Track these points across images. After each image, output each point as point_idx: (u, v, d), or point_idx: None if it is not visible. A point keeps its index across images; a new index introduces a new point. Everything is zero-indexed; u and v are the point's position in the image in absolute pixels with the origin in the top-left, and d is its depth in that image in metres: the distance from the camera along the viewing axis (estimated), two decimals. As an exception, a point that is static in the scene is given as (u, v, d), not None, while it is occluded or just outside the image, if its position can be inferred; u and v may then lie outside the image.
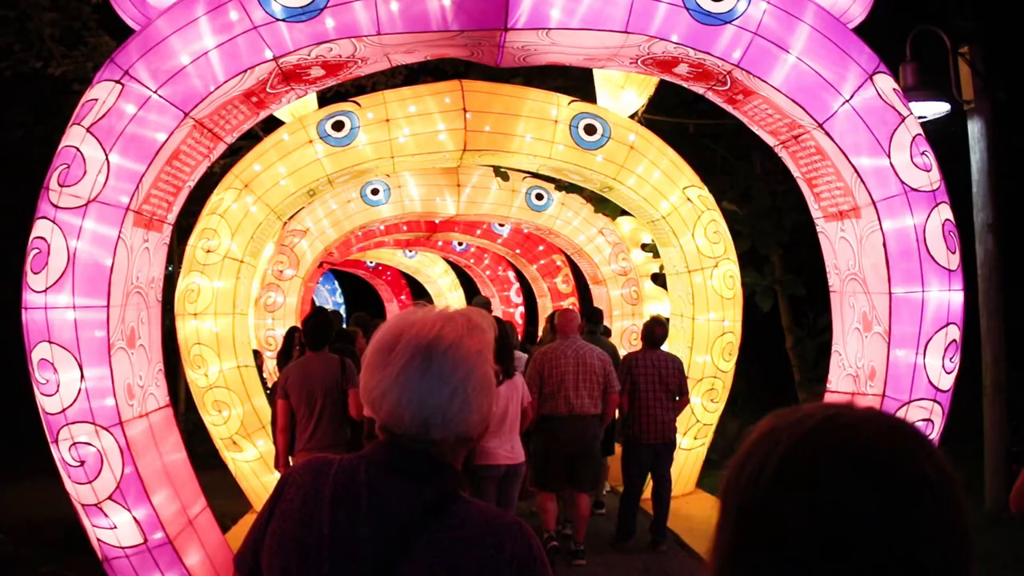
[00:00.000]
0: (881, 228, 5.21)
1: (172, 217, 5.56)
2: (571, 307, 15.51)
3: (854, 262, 5.53)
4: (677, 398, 7.80)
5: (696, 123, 11.38)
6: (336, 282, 26.39)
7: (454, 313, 1.79)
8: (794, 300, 12.82)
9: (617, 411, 7.87)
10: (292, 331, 11.15)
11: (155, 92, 4.85)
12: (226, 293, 8.18)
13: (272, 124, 8.79)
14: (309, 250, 12.04)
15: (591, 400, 7.22)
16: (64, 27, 10.52)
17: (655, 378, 7.70)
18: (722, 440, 10.24)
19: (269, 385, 9.68)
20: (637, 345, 12.61)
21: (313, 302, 17.69)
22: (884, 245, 5.22)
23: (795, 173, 5.89)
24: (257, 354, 11.38)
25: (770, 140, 5.87)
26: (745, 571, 1.04)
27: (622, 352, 10.15)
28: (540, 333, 11.67)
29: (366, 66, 5.47)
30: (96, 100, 4.90)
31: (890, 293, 5.23)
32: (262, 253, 8.90)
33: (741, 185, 11.36)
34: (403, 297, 24.82)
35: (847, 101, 5.12)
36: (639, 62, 5.49)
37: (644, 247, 12.55)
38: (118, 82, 4.83)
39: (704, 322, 8.79)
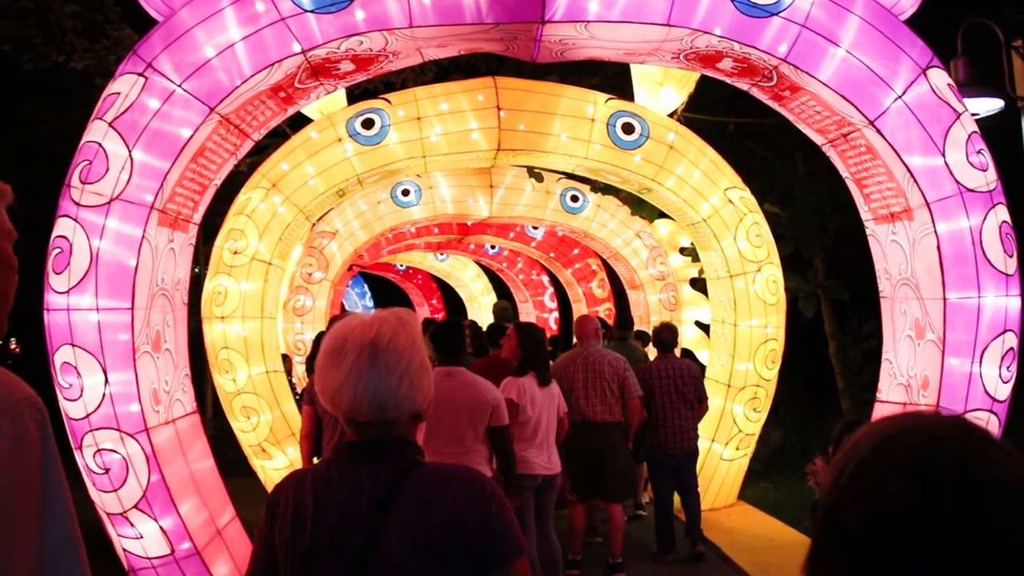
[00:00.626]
0: (935, 230, 4.95)
1: (198, 217, 5.39)
2: (605, 314, 15.28)
3: (906, 266, 5.27)
4: (696, 406, 7.67)
5: (736, 121, 11.10)
6: (366, 285, 26.27)
7: (385, 314, 2.12)
8: (838, 305, 12.49)
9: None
10: (321, 336, 11.03)
11: (179, 86, 4.69)
12: (254, 296, 8.02)
13: (300, 122, 8.63)
14: (338, 252, 11.88)
15: (604, 407, 7.05)
16: (86, 20, 10.39)
17: (671, 387, 7.59)
18: (764, 450, 9.96)
19: (298, 391, 9.54)
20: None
21: (343, 306, 17.54)
22: (938, 248, 4.95)
23: (844, 173, 5.64)
24: (286, 358, 11.24)
25: (817, 139, 5.61)
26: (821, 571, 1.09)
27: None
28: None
29: (397, 61, 5.28)
30: (119, 94, 4.75)
31: (944, 299, 4.96)
32: (290, 255, 8.74)
33: (783, 186, 11.08)
34: (434, 301, 24.63)
35: (899, 97, 4.86)
36: (681, 57, 5.26)
37: (683, 251, 12.27)
38: (141, 75, 4.67)
39: (746, 328, 8.52)
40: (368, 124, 8.02)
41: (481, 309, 21.54)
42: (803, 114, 5.41)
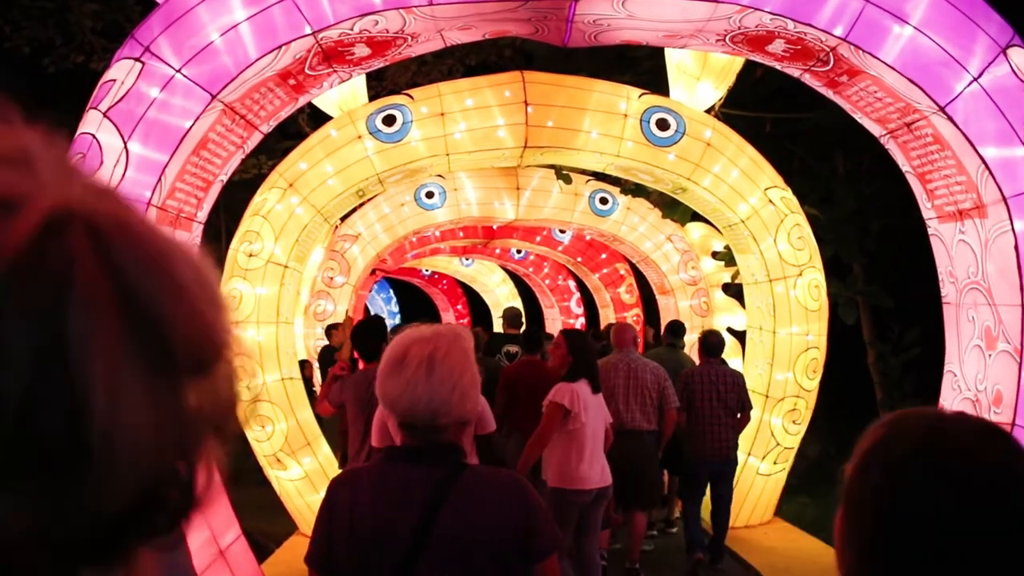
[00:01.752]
0: (1013, 229, 4.45)
1: (203, 215, 4.99)
2: (634, 320, 14.83)
3: (976, 269, 4.78)
4: (738, 415, 7.43)
5: (775, 116, 10.62)
6: (391, 290, 25.95)
7: (443, 329, 2.29)
8: (877, 312, 11.98)
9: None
10: (331, 328, 10.64)
11: (179, 71, 4.28)
12: (269, 300, 7.63)
13: (321, 122, 8.25)
14: (360, 256, 11.51)
15: (643, 415, 6.91)
16: (106, 20, 10.13)
17: (712, 394, 7.37)
18: (802, 464, 9.46)
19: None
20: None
21: (367, 310, 17.16)
22: (1016, 249, 4.46)
23: (904, 167, 5.16)
24: (306, 364, 10.88)
25: (876, 129, 5.14)
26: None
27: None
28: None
29: (417, 45, 4.86)
30: (114, 81, 4.36)
31: (1023, 305, 4.47)
32: (308, 258, 8.35)
33: (822, 188, 10.60)
34: (459, 306, 24.29)
35: (975, 80, 4.37)
36: (727, 39, 4.80)
37: (715, 255, 11.83)
38: (138, 60, 4.28)
39: (786, 336, 8.03)
40: (389, 120, 7.62)
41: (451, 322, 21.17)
42: (861, 102, 4.94)
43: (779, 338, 8.06)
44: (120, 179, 4.28)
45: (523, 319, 10.81)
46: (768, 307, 8.12)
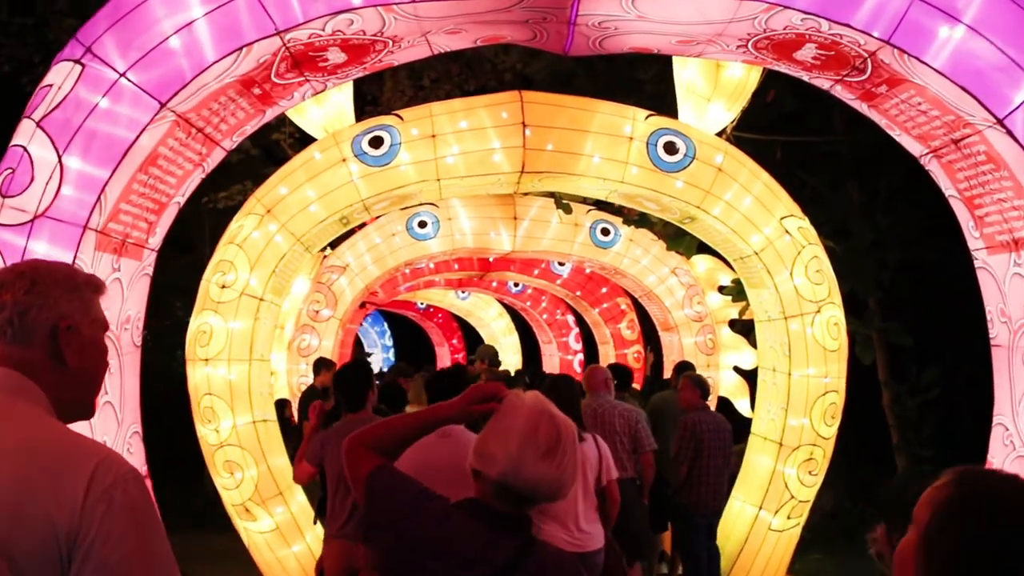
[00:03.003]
0: (1080, 262, 3.88)
1: (155, 242, 4.41)
2: (635, 358, 14.26)
3: (1033, 307, 4.20)
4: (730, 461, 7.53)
5: (793, 140, 10.08)
6: (385, 324, 25.37)
7: (542, 399, 2.31)
8: (892, 351, 11.38)
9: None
10: (320, 364, 10.01)
11: (123, 75, 3.71)
12: (242, 336, 7.03)
13: (305, 144, 7.70)
14: (348, 288, 10.93)
15: (616, 462, 6.18)
16: None
17: (716, 443, 7.34)
18: (817, 516, 8.80)
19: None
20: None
21: (356, 345, 16.53)
22: (1084, 284, 3.88)
23: (948, 190, 4.58)
24: (286, 404, 10.26)
25: (916, 148, 4.57)
26: None
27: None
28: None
29: (399, 52, 4.30)
30: (51, 86, 3.79)
31: (1091, 349, 3.89)
32: (287, 290, 7.75)
33: (837, 218, 10.03)
34: (454, 341, 23.69)
35: (1039, 89, 3.80)
36: (749, 45, 4.24)
37: (722, 289, 11.27)
38: (77, 62, 3.71)
39: (801, 378, 7.41)
40: (376, 143, 7.05)
41: (503, 350, 20.61)
42: (901, 116, 4.37)
43: (794, 380, 7.44)
44: (53, 197, 3.71)
45: (497, 357, 10.25)
46: (783, 347, 7.51)
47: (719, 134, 7.62)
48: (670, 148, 7.20)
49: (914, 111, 4.25)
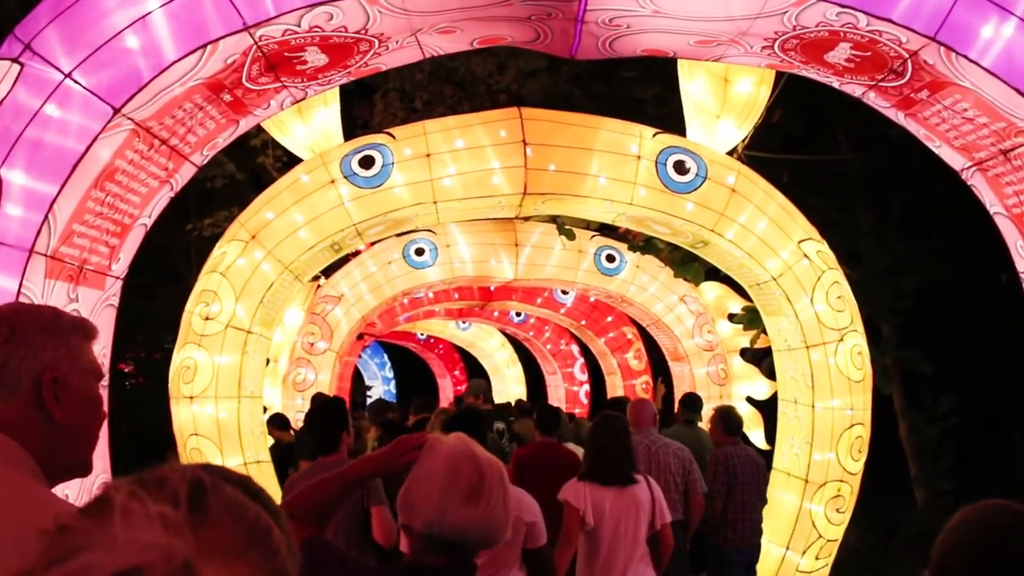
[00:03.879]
0: None
1: (120, 268, 3.97)
2: (643, 389, 13.79)
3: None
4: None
5: (798, 158, 9.66)
6: (386, 355, 24.89)
7: (467, 441, 2.15)
8: (909, 379, 10.90)
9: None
10: (319, 399, 9.51)
11: (68, 75, 3.28)
12: (230, 371, 6.57)
13: (292, 166, 7.29)
14: (344, 319, 10.49)
15: (668, 504, 5.83)
16: None
17: (751, 479, 6.97)
18: (843, 554, 8.28)
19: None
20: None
21: (355, 378, 16.04)
22: None
23: (993, 207, 4.14)
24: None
25: (958, 161, 4.14)
26: None
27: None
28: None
29: (387, 54, 3.88)
30: (-10, 92, 3.36)
31: None
32: (276, 322, 7.30)
33: (848, 242, 9.61)
34: (456, 372, 23.20)
35: (1106, 88, 3.38)
36: (776, 46, 3.82)
37: (732, 317, 10.83)
38: (16, 61, 3.27)
39: (825, 411, 6.94)
40: (367, 163, 6.63)
41: (506, 381, 20.19)
42: (943, 125, 3.94)
43: (818, 413, 6.98)
44: (-6, 218, 3.27)
45: (490, 392, 9.79)
46: (805, 377, 7.05)
47: (730, 153, 7.21)
48: (680, 167, 6.78)
49: (958, 119, 3.81)
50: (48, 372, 1.58)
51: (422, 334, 21.27)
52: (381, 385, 24.96)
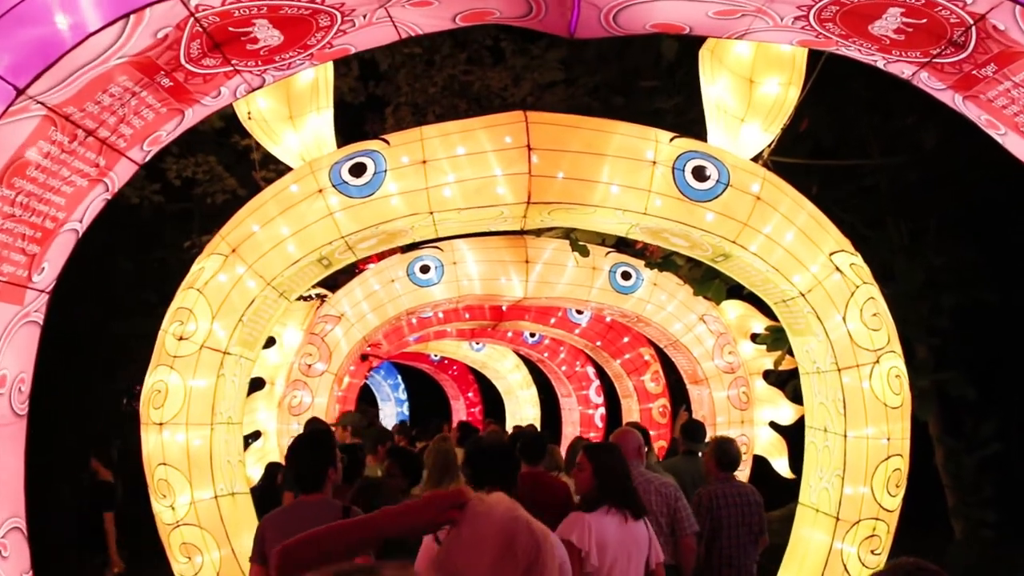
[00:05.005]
0: None
1: (44, 280, 3.42)
2: (659, 412, 13.19)
3: None
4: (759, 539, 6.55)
5: (831, 164, 9.08)
6: (399, 376, 24.35)
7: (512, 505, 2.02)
8: (946, 403, 10.23)
9: None
10: (312, 424, 8.93)
11: (-39, 49, 2.74)
12: (203, 395, 6.03)
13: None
14: (344, 339, 9.95)
15: None
16: None
17: (738, 518, 6.39)
18: (876, 598, 7.64)
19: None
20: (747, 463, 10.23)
21: (360, 401, 15.46)
22: None
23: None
24: (278, 468, 9.24)
25: (1025, 152, 3.53)
26: None
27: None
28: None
29: (355, 31, 3.33)
30: None
31: None
32: (259, 343, 6.75)
33: (882, 259, 8.99)
34: (470, 394, 22.63)
35: None
36: (811, 16, 3.24)
37: (755, 338, 10.25)
38: None
39: (859, 440, 6.30)
40: (358, 170, 6.09)
41: (520, 403, 19.61)
42: (1010, 107, 3.33)
43: (850, 442, 6.34)
44: None
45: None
46: (836, 403, 6.41)
47: (755, 159, 6.63)
48: (699, 174, 6.20)
49: (1030, 98, 3.21)
50: None
51: (435, 355, 20.73)
52: (394, 406, 24.42)
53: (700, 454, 7.63)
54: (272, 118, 6.38)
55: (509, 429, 18.67)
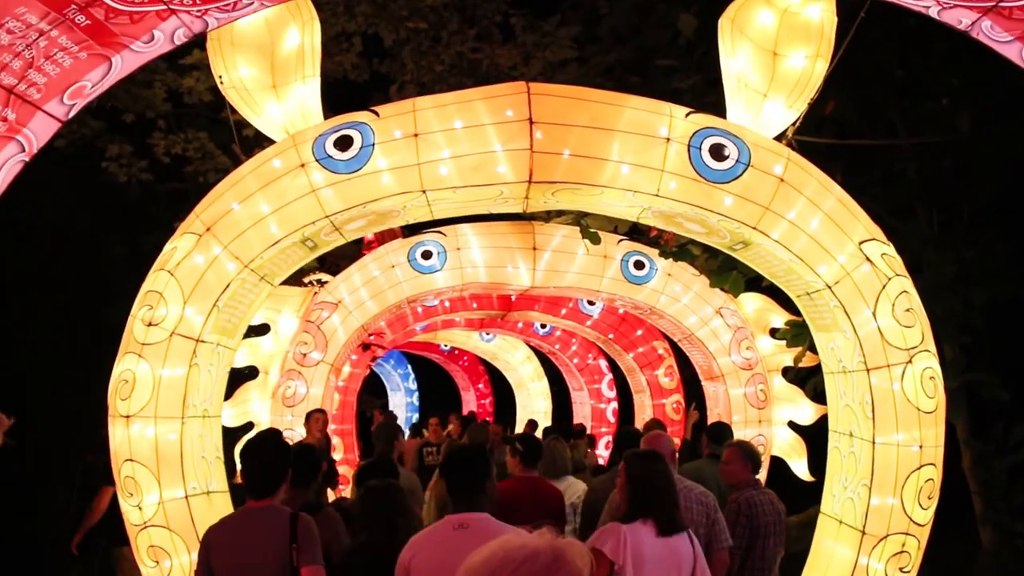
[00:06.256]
0: None
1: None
2: (673, 409, 12.68)
3: None
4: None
5: (862, 144, 8.51)
6: (409, 366, 23.91)
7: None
8: (975, 405, 9.66)
9: None
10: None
11: None
12: (173, 387, 5.55)
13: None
14: (341, 327, 9.47)
15: None
16: None
17: (772, 527, 6.02)
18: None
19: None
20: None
21: (362, 392, 14.96)
22: None
23: None
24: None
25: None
26: None
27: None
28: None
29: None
30: None
31: None
32: (239, 330, 6.26)
33: (911, 251, 8.43)
34: (481, 385, 22.17)
35: None
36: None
37: (774, 333, 9.72)
38: None
39: (888, 446, 5.75)
40: (344, 143, 5.59)
41: (531, 396, 19.15)
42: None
43: (879, 449, 5.79)
44: None
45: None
46: (863, 406, 5.87)
47: (778, 138, 6.08)
48: (717, 152, 5.67)
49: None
50: None
51: (445, 345, 20.27)
52: (404, 396, 23.98)
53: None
54: (254, 87, 5.87)
55: (521, 422, 18.22)
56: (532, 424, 14.99)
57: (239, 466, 9.05)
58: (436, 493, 7.16)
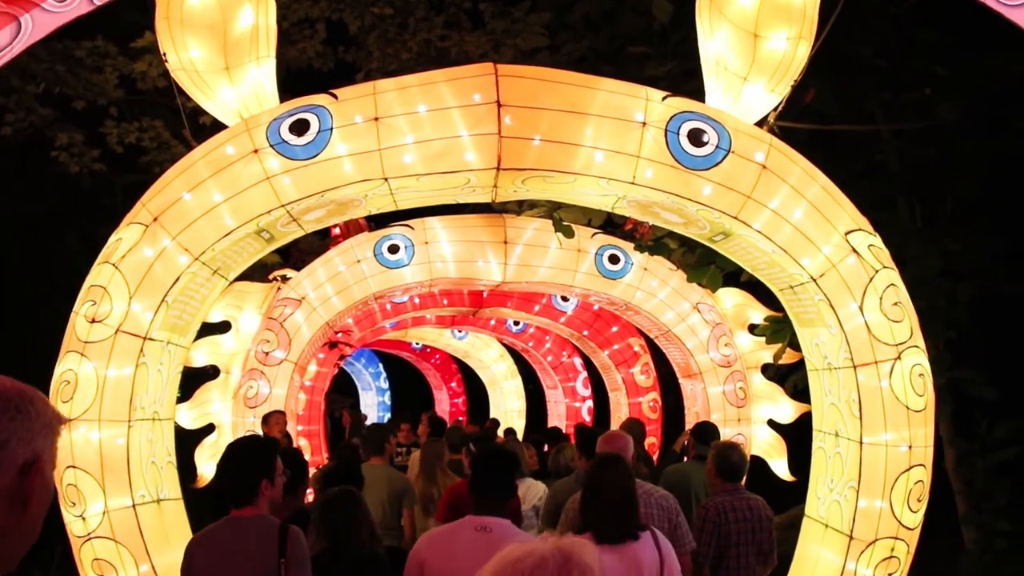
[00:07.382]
0: None
1: None
2: (650, 407, 12.42)
3: None
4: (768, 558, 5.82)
5: (837, 128, 8.25)
6: (381, 365, 23.52)
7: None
8: (960, 403, 9.44)
9: None
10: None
11: None
12: (119, 388, 5.19)
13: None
14: (305, 325, 9.11)
15: None
16: None
17: (748, 535, 5.67)
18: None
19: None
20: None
21: (329, 391, 14.58)
22: None
23: None
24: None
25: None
26: None
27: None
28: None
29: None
30: None
31: None
32: (192, 329, 5.90)
33: (893, 244, 8.18)
34: (453, 384, 21.82)
35: None
36: None
37: (753, 329, 9.47)
38: None
39: (876, 447, 5.48)
40: (300, 128, 5.25)
41: (504, 394, 18.84)
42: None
43: (866, 449, 5.52)
44: None
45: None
46: (850, 404, 5.60)
47: (760, 124, 5.79)
48: (696, 138, 5.38)
49: None
50: (38, 459, 1.55)
51: (416, 343, 19.90)
52: (375, 396, 23.60)
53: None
54: (205, 69, 5.50)
55: (502, 422, 17.87)
56: (494, 423, 14.65)
57: (199, 471, 8.74)
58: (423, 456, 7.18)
